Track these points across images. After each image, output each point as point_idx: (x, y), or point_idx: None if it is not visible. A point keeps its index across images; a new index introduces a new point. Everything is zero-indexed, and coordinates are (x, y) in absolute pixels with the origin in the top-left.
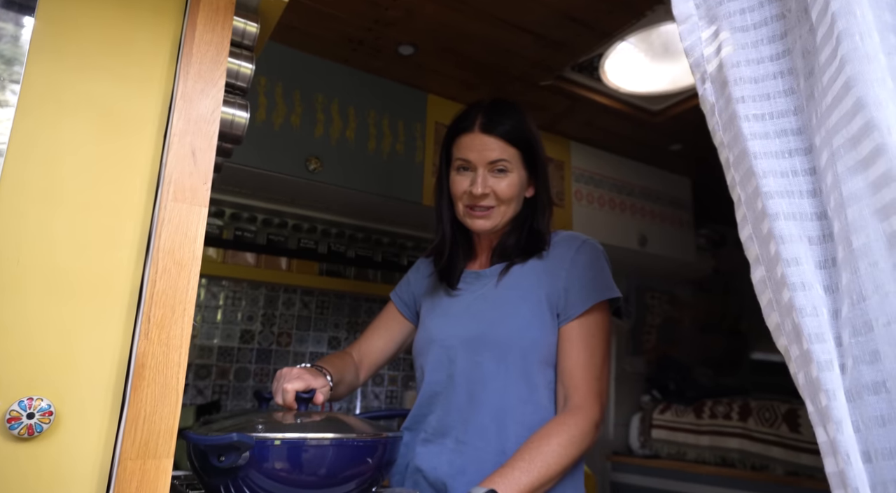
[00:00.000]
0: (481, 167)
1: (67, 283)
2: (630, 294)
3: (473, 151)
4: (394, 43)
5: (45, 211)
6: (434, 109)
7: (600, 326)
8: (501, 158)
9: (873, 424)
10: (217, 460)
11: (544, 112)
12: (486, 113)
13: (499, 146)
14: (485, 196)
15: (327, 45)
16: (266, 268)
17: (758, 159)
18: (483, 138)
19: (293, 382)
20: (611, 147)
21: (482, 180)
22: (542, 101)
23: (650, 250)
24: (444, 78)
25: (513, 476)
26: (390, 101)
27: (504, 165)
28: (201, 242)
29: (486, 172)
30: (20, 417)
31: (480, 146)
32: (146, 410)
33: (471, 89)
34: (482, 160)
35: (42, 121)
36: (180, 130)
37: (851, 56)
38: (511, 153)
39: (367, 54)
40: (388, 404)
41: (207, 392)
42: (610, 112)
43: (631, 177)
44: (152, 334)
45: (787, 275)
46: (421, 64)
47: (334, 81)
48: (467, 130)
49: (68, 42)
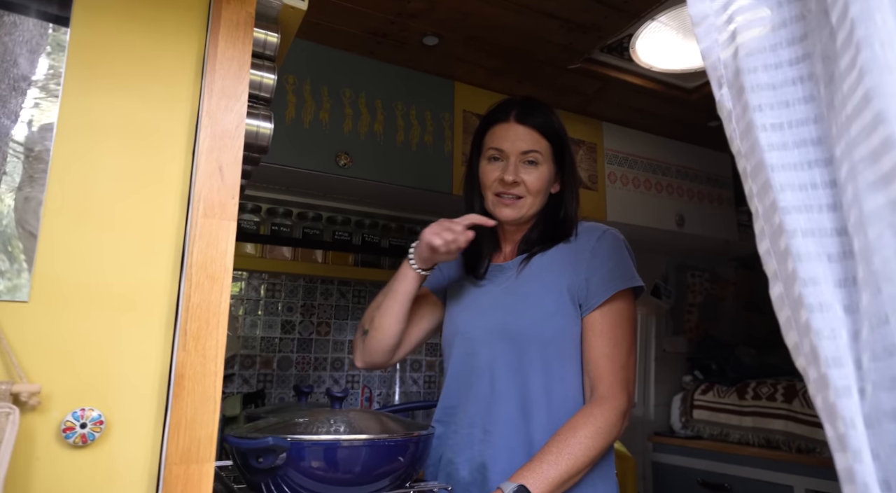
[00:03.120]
0: (513, 156)
1: (110, 299)
2: (669, 273)
3: (507, 140)
4: (418, 34)
5: (86, 231)
6: (462, 97)
7: (624, 314)
8: (534, 149)
9: (893, 452)
10: (256, 461)
11: (574, 95)
12: (522, 106)
13: (532, 137)
14: (515, 184)
15: (352, 39)
16: (303, 261)
17: (775, 171)
18: (518, 128)
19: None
20: (645, 126)
21: (514, 168)
22: (572, 83)
23: (689, 230)
24: (470, 66)
25: (541, 470)
26: (417, 91)
27: (535, 157)
28: (231, 254)
29: (517, 162)
30: (74, 427)
31: (514, 136)
32: (187, 417)
33: (498, 76)
34: (515, 150)
35: (79, 143)
36: (207, 148)
37: (871, 66)
38: (543, 146)
39: (391, 47)
40: (427, 389)
41: (253, 381)
42: (643, 92)
43: (667, 156)
44: (189, 345)
45: (805, 295)
46: (447, 53)
47: (361, 75)
48: (502, 120)
49: (99, 65)
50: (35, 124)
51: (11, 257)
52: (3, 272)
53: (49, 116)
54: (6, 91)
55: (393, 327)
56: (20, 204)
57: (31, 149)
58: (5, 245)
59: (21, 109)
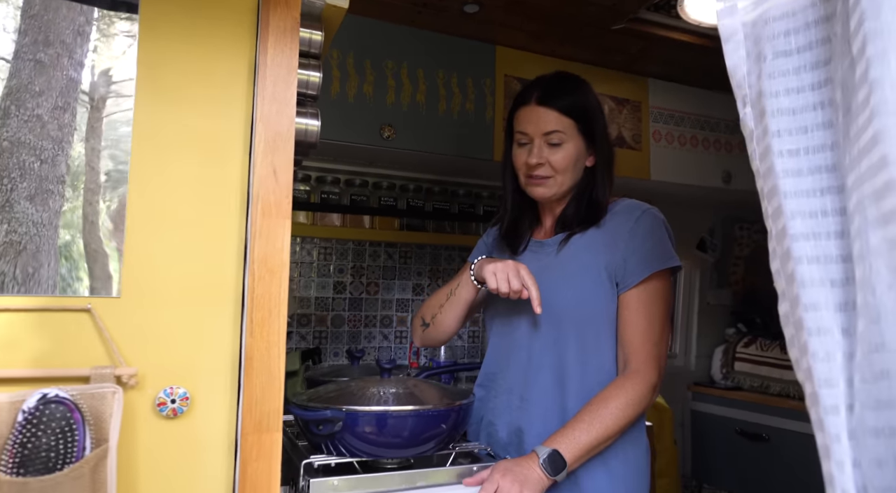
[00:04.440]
0: (537, 138)
1: (186, 293)
2: (716, 227)
3: (530, 123)
4: (458, 2)
5: (163, 234)
6: (503, 61)
7: (659, 293)
8: (555, 129)
9: (872, 463)
10: (316, 428)
11: (618, 54)
12: (545, 86)
13: (553, 117)
14: (540, 166)
15: (393, 9)
16: (351, 227)
17: (787, 198)
18: (538, 110)
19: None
20: (692, 81)
21: (537, 151)
22: (616, 43)
23: (736, 185)
24: (512, 30)
25: (573, 437)
26: (458, 59)
27: (559, 137)
28: (287, 249)
29: (541, 143)
30: (166, 402)
31: (535, 118)
32: (256, 394)
33: (540, 39)
34: (537, 132)
35: (151, 153)
36: (262, 151)
37: (881, 109)
38: (566, 124)
39: (432, 15)
40: (471, 343)
41: (309, 338)
42: (691, 48)
43: (715, 110)
44: (255, 332)
45: (805, 319)
46: (488, 19)
47: (402, 46)
48: (525, 103)
49: (164, 80)
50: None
51: (104, 260)
52: (98, 274)
53: (125, 131)
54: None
55: (452, 327)
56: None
57: (93, 97)
58: (95, 253)
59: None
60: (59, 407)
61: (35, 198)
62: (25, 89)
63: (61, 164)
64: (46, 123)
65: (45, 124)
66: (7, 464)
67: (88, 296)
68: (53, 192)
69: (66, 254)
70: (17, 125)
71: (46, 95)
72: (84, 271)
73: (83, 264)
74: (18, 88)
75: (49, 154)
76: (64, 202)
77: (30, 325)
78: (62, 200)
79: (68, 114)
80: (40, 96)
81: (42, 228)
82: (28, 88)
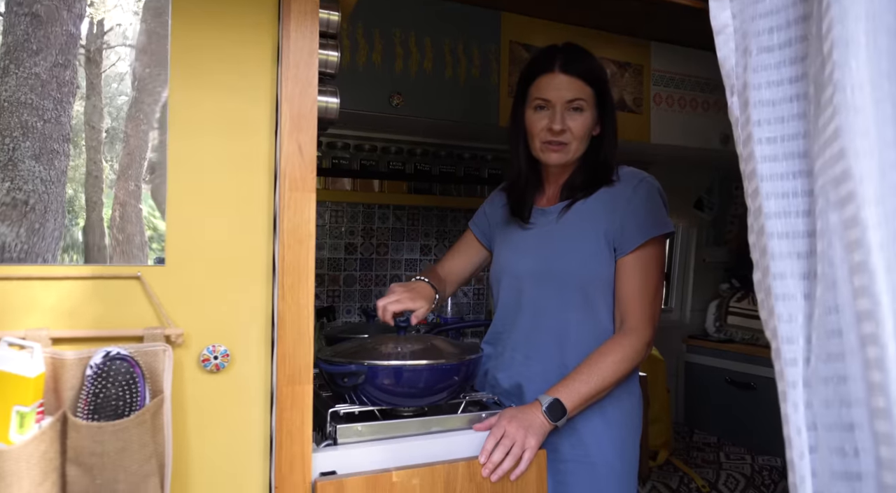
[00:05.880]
0: (559, 105)
1: (224, 261)
2: (714, 186)
3: (553, 90)
4: None
5: (200, 209)
6: (508, 27)
7: (654, 258)
8: (579, 96)
9: (822, 404)
10: (341, 380)
11: (620, 18)
12: (565, 55)
13: (577, 86)
14: (562, 132)
15: None
16: (361, 190)
17: (764, 181)
18: (562, 78)
19: (392, 303)
20: (696, 44)
21: (560, 117)
22: (619, 7)
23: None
24: None
25: (573, 387)
26: (464, 26)
27: (580, 104)
28: (313, 221)
29: (563, 110)
30: (209, 358)
31: (559, 85)
32: (289, 351)
33: (545, 2)
34: (561, 99)
35: (187, 135)
36: (287, 130)
37: (841, 107)
38: (587, 92)
39: None
40: (475, 300)
41: (323, 297)
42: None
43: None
44: (287, 296)
45: (774, 287)
46: None
47: (410, 15)
48: (547, 70)
49: (195, 67)
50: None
51: (152, 234)
52: (149, 246)
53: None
54: None
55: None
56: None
57: (89, 50)
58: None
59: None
60: (123, 363)
61: (41, 157)
62: (22, 47)
63: (65, 123)
64: (46, 83)
65: (45, 83)
66: (84, 411)
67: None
68: (59, 151)
69: (69, 208)
70: (17, 83)
71: (45, 52)
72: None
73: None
74: (15, 46)
75: (52, 114)
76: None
77: (87, 291)
78: (66, 159)
79: (69, 71)
80: (37, 55)
81: (50, 185)
82: (25, 46)
